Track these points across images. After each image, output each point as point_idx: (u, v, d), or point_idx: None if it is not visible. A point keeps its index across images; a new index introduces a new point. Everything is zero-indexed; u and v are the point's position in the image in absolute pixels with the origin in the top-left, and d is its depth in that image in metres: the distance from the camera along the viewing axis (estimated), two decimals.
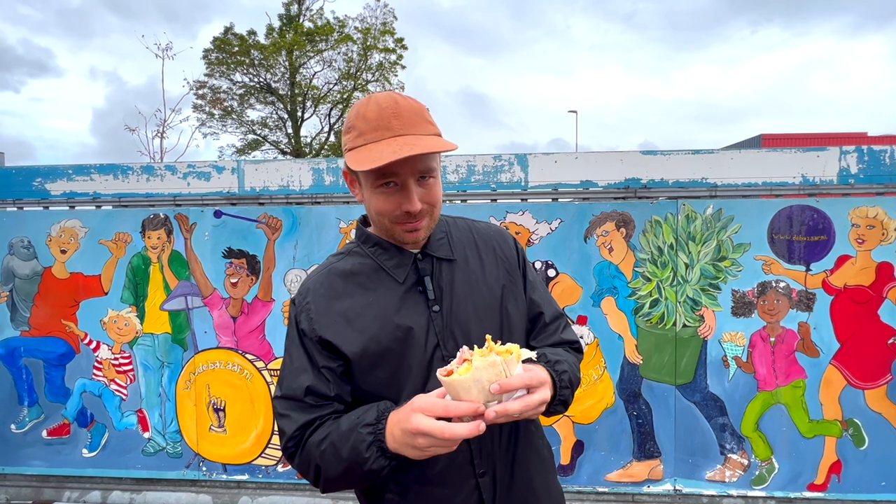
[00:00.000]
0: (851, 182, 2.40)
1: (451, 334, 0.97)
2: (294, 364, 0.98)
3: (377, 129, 0.90)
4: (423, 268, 0.99)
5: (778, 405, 2.47)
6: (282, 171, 2.63)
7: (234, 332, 2.66)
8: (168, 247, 2.67)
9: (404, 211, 0.93)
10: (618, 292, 2.51)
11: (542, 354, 0.98)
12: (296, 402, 0.95)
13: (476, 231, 1.09)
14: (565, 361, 0.99)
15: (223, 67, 18.27)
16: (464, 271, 1.02)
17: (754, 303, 2.46)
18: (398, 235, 0.98)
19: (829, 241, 2.41)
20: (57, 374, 2.76)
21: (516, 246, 1.11)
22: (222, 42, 18.09)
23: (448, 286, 0.99)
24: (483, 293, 1.01)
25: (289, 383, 0.97)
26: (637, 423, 2.54)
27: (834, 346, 2.44)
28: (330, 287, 0.99)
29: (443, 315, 0.97)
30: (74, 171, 2.72)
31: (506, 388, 0.79)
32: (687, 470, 2.53)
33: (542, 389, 0.84)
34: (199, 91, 17.58)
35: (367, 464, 0.86)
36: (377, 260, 1.00)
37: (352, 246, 1.07)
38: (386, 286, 0.98)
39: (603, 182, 2.51)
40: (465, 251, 1.05)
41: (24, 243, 2.74)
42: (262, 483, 2.70)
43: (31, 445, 2.79)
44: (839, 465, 2.45)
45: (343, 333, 0.95)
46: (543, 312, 1.08)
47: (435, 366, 0.95)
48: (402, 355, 0.95)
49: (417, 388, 0.94)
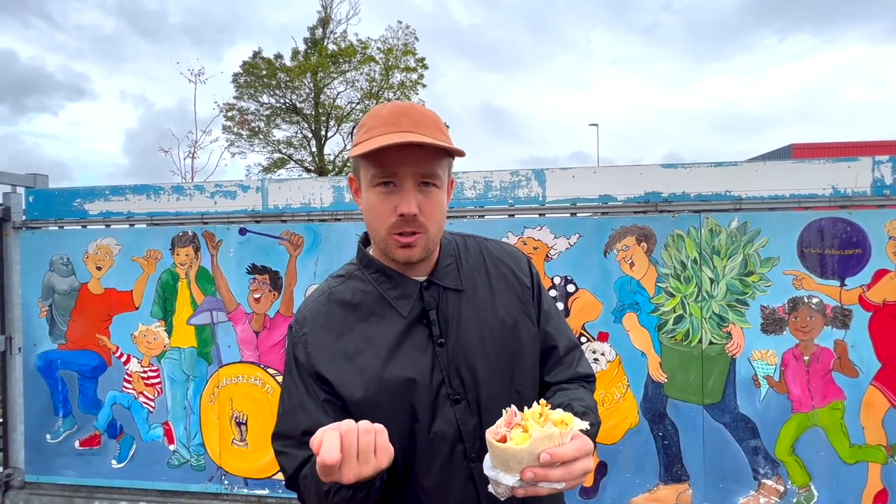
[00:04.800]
0: (886, 193, 2.29)
1: (456, 371, 0.93)
2: (291, 400, 0.94)
3: (384, 125, 0.89)
4: (429, 301, 0.94)
5: (815, 428, 2.34)
6: (303, 189, 2.70)
7: (257, 346, 2.72)
8: (195, 263, 2.77)
9: (399, 214, 0.88)
10: (640, 308, 2.45)
11: (568, 405, 0.92)
12: (293, 440, 0.92)
13: (488, 254, 1.03)
14: (591, 410, 0.93)
15: (251, 90, 19.04)
16: (472, 302, 0.96)
17: (785, 319, 2.36)
18: (392, 251, 0.92)
19: (864, 254, 2.30)
20: (90, 386, 2.87)
21: (531, 270, 1.05)
22: (251, 66, 18.89)
23: (455, 319, 0.94)
24: (492, 326, 0.96)
25: (286, 421, 0.95)
26: (663, 445, 2.45)
27: (874, 366, 2.30)
28: (329, 317, 0.95)
29: (448, 350, 0.93)
30: (111, 192, 2.86)
31: (557, 458, 0.74)
32: (718, 495, 2.41)
33: (587, 459, 0.77)
34: (228, 113, 18.34)
35: (330, 496, 0.82)
36: (380, 289, 0.95)
37: (352, 269, 1.02)
38: (388, 319, 0.94)
39: (622, 196, 2.47)
40: (475, 278, 0.99)
41: (64, 260, 2.89)
42: (282, 498, 2.71)
43: (65, 455, 2.89)
44: (885, 495, 2.29)
45: (343, 373, 0.91)
46: (558, 346, 1.03)
47: (441, 403, 0.91)
48: (406, 397, 0.91)
49: (424, 428, 0.91)
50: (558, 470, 0.74)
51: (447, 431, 0.92)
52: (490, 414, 0.90)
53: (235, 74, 18.94)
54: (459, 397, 0.93)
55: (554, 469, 0.74)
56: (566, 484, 0.75)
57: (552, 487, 0.75)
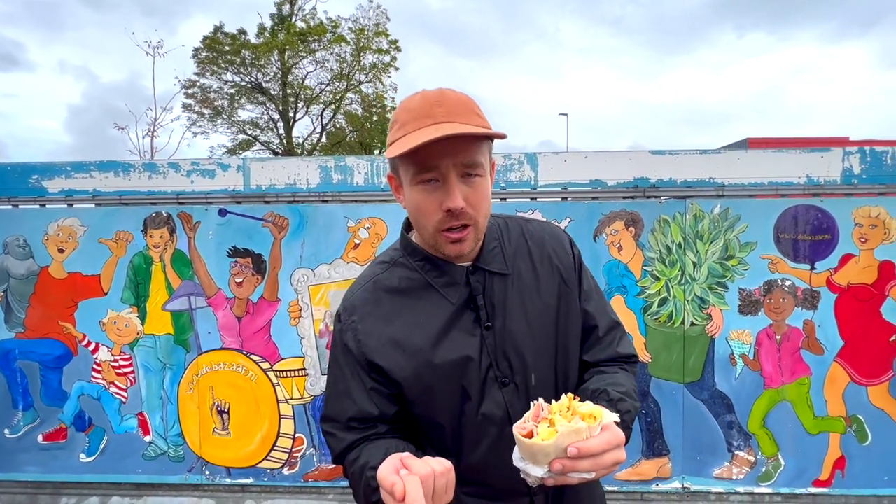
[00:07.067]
0: (854, 182, 2.44)
1: (503, 355, 0.93)
2: (339, 386, 0.95)
3: (418, 118, 0.85)
4: (476, 285, 0.94)
5: (784, 402, 2.50)
6: (288, 169, 2.59)
7: (239, 332, 2.62)
8: (171, 246, 2.62)
9: (446, 210, 0.86)
10: (627, 291, 2.52)
11: (603, 391, 0.91)
12: (340, 424, 0.94)
13: (530, 236, 1.02)
14: (628, 396, 0.91)
15: (213, 67, 18.04)
16: (517, 285, 0.96)
17: (761, 301, 2.49)
18: (442, 247, 0.91)
19: (833, 240, 2.46)
20: (53, 377, 2.68)
21: (573, 250, 1.04)
22: (213, 41, 17.87)
23: (501, 303, 0.94)
24: (538, 309, 0.96)
25: (333, 405, 0.95)
26: (646, 422, 2.55)
27: (838, 344, 2.48)
28: (377, 305, 0.95)
29: (495, 334, 0.93)
30: (73, 168, 2.65)
31: (585, 453, 0.73)
32: (695, 467, 2.54)
33: (617, 451, 0.76)
34: (189, 90, 17.33)
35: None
36: (426, 276, 0.94)
37: (396, 255, 0.99)
38: (436, 305, 0.93)
39: (612, 181, 2.52)
40: (519, 262, 0.98)
41: (20, 242, 2.66)
42: (266, 486, 2.65)
43: (26, 451, 2.71)
44: (843, 461, 2.49)
45: (394, 359, 0.91)
46: (598, 325, 1.01)
47: (489, 386, 0.91)
48: (456, 380, 0.91)
49: (473, 409, 0.91)
50: (586, 462, 0.74)
51: (496, 414, 0.92)
52: (538, 396, 0.89)
53: (196, 49, 17.85)
54: (507, 380, 0.93)
55: (582, 461, 0.74)
56: (596, 474, 0.75)
57: (582, 477, 0.76)
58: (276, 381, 2.62)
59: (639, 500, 2.56)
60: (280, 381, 2.62)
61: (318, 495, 2.64)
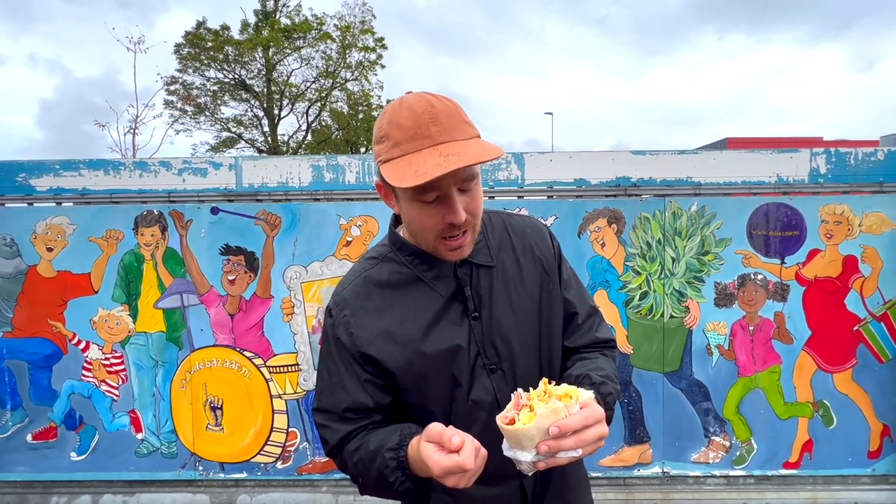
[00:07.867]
0: (821, 181, 2.59)
1: (491, 343, 0.97)
2: (332, 378, 0.97)
3: (415, 139, 0.84)
4: (463, 277, 0.97)
5: (756, 389, 2.65)
6: (280, 168, 2.63)
7: (232, 329, 2.65)
8: (162, 244, 2.63)
9: (448, 223, 0.89)
10: (609, 285, 2.63)
11: (586, 376, 0.96)
12: (335, 415, 0.96)
13: (513, 229, 1.06)
14: (609, 380, 0.96)
15: (196, 63, 17.72)
16: (502, 277, 1.00)
17: (735, 294, 2.63)
18: (443, 255, 0.95)
19: (801, 236, 2.60)
20: (43, 376, 2.68)
21: (552, 241, 1.09)
22: (195, 37, 17.55)
23: (487, 293, 0.98)
24: (522, 298, 1.00)
25: (327, 398, 0.98)
26: (628, 410, 2.67)
27: (806, 334, 2.63)
28: (368, 298, 0.97)
29: (482, 323, 0.97)
30: (62, 167, 2.64)
31: (565, 430, 0.77)
32: (674, 453, 2.67)
33: (598, 426, 0.80)
34: (170, 87, 16.97)
35: (395, 486, 0.88)
36: (415, 270, 0.97)
37: (385, 251, 1.02)
38: (426, 298, 0.97)
39: (595, 180, 2.62)
40: (503, 254, 1.02)
41: (7, 241, 2.64)
42: (260, 481, 2.69)
43: (15, 451, 2.69)
44: (811, 444, 2.65)
45: (387, 349, 0.94)
46: (578, 312, 1.06)
47: (478, 373, 0.96)
48: (446, 368, 0.95)
49: (463, 396, 0.96)
50: (570, 439, 0.78)
51: (485, 399, 0.97)
52: (524, 382, 0.96)
53: (178, 45, 17.47)
54: (495, 367, 0.98)
55: (566, 439, 0.77)
56: (583, 450, 0.79)
57: (570, 456, 0.79)
58: (270, 376, 2.66)
59: (622, 485, 2.68)
60: (273, 377, 2.66)
61: (312, 488, 2.69)
